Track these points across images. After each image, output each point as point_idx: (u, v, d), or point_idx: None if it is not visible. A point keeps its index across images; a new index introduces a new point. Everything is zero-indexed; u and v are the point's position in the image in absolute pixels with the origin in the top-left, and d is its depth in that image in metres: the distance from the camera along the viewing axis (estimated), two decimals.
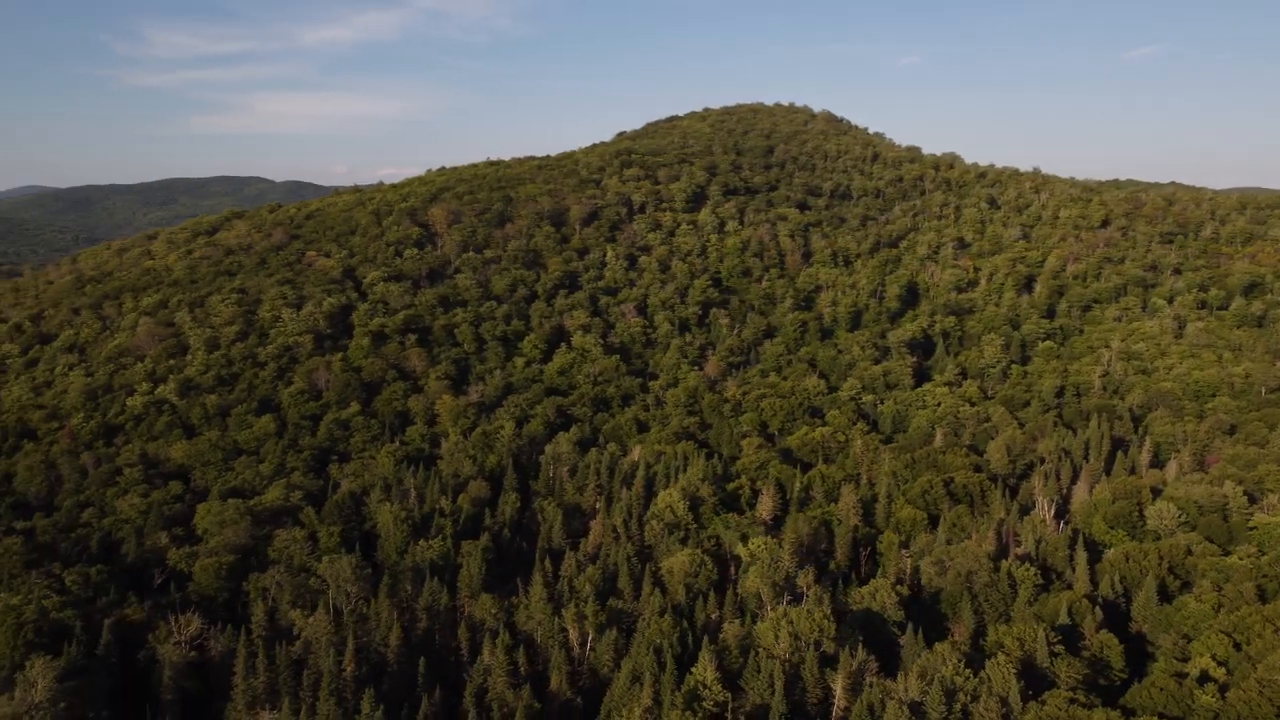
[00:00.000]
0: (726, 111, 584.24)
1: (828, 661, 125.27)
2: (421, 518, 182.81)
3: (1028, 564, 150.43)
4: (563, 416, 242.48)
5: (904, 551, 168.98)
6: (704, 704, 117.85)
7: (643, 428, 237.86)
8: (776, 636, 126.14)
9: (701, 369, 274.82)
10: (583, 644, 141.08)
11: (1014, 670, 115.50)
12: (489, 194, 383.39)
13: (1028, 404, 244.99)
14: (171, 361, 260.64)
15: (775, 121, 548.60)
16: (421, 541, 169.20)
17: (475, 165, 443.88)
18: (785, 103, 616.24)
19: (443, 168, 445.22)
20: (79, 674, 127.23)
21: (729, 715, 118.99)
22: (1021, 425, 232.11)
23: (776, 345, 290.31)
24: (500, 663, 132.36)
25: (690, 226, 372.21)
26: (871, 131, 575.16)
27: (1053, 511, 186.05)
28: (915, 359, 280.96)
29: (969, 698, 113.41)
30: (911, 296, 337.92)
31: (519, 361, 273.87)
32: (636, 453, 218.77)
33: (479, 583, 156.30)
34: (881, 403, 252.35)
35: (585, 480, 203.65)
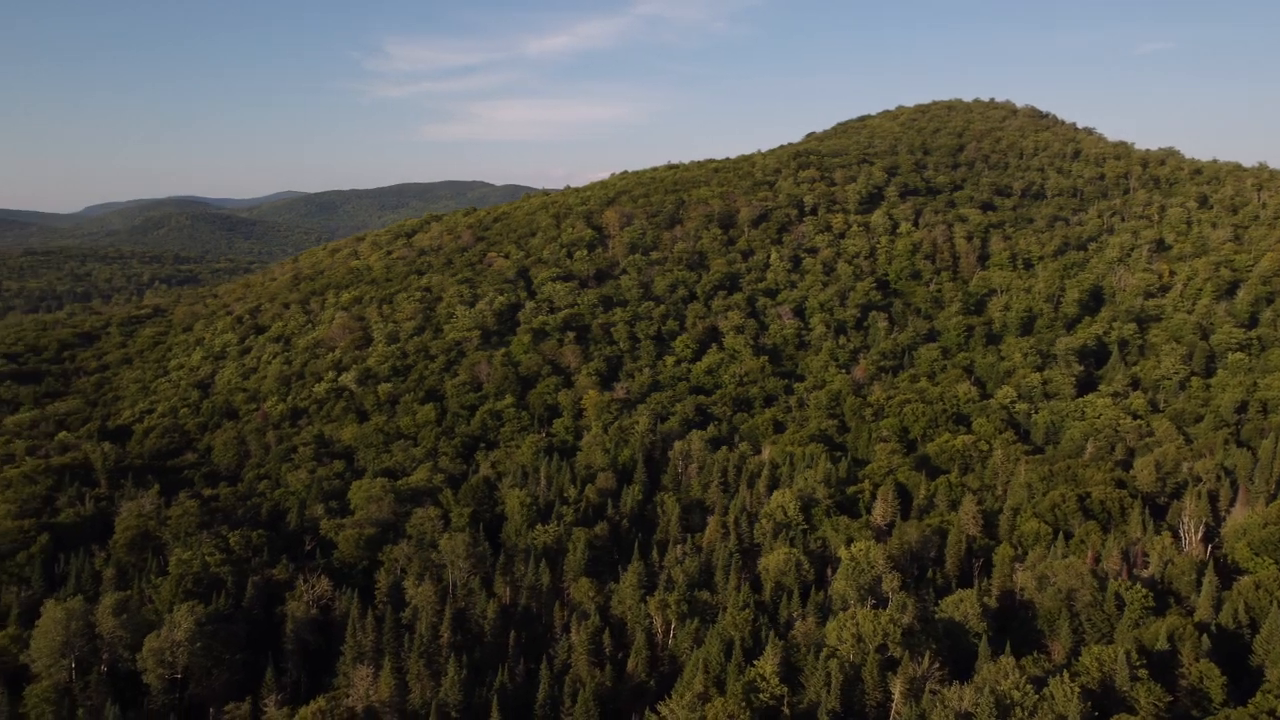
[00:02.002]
0: (920, 109, 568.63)
1: (894, 666, 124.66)
2: (546, 504, 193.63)
3: (1138, 585, 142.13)
4: (702, 415, 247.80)
5: (1018, 565, 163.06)
6: (761, 696, 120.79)
7: (780, 428, 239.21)
8: (840, 637, 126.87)
9: (849, 373, 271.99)
10: (666, 631, 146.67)
11: (1078, 689, 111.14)
12: (662, 197, 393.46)
13: (1201, 419, 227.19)
14: (357, 352, 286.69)
15: (969, 119, 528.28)
16: (539, 526, 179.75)
17: (655, 169, 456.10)
18: (986, 98, 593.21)
19: (624, 172, 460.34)
20: (224, 620, 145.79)
21: (785, 709, 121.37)
22: (1189, 441, 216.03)
23: (932, 350, 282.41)
24: (582, 642, 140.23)
25: (861, 228, 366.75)
26: (1079, 126, 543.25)
27: (1200, 534, 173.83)
28: (1084, 368, 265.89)
29: (1026, 713, 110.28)
30: (1095, 302, 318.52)
31: (669, 360, 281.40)
32: (767, 453, 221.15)
33: (581, 567, 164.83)
34: (1036, 412, 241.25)
35: (710, 477, 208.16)
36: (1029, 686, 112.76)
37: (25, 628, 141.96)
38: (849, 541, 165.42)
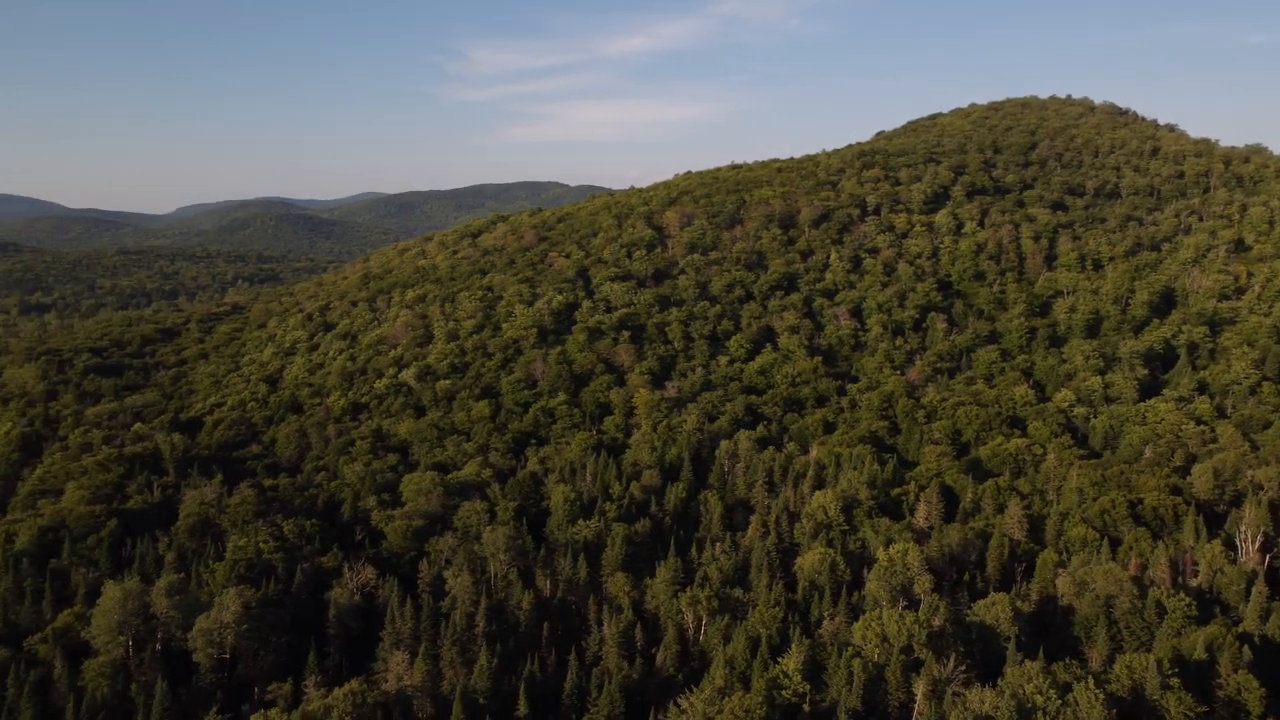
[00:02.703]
0: (993, 107, 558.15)
1: (919, 667, 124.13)
2: (590, 500, 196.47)
3: (1181, 594, 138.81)
4: (752, 415, 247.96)
5: (1061, 570, 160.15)
6: (783, 693, 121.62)
7: (830, 429, 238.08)
8: (865, 637, 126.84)
9: (904, 374, 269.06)
10: (698, 627, 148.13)
11: (1103, 696, 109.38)
12: (723, 197, 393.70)
13: (1269, 425, 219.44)
14: (418, 349, 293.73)
15: (1044, 116, 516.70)
16: (581, 521, 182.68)
17: (718, 169, 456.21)
18: (1063, 95, 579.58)
19: (688, 172, 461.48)
20: (272, 605, 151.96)
21: (806, 707, 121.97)
22: (1255, 448, 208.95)
23: (990, 352, 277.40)
24: (614, 635, 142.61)
25: (925, 229, 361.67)
26: (1160, 124, 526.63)
27: (1258, 544, 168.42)
28: (1148, 372, 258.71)
29: (1048, 718, 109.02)
30: (1166, 305, 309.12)
31: (722, 360, 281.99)
32: (814, 453, 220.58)
33: (617, 562, 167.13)
34: (1095, 416, 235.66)
35: (755, 476, 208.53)
36: (1052, 691, 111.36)
37: (89, 606, 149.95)
38: (888, 543, 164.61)
